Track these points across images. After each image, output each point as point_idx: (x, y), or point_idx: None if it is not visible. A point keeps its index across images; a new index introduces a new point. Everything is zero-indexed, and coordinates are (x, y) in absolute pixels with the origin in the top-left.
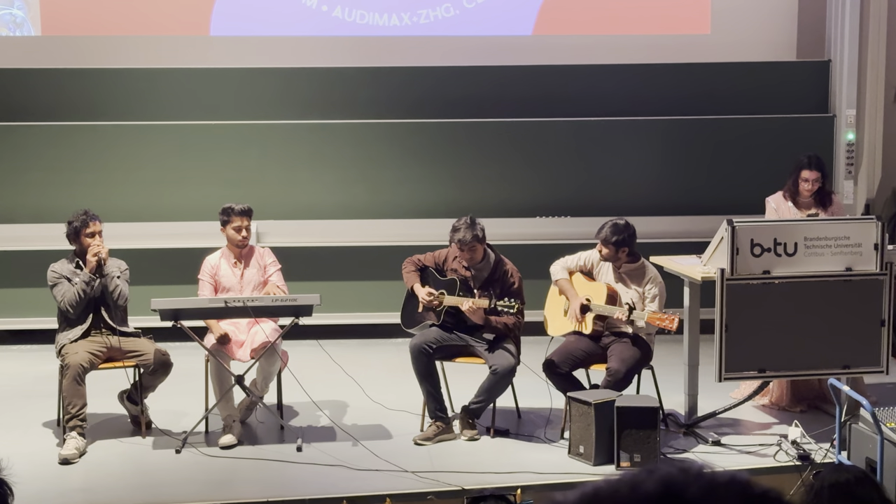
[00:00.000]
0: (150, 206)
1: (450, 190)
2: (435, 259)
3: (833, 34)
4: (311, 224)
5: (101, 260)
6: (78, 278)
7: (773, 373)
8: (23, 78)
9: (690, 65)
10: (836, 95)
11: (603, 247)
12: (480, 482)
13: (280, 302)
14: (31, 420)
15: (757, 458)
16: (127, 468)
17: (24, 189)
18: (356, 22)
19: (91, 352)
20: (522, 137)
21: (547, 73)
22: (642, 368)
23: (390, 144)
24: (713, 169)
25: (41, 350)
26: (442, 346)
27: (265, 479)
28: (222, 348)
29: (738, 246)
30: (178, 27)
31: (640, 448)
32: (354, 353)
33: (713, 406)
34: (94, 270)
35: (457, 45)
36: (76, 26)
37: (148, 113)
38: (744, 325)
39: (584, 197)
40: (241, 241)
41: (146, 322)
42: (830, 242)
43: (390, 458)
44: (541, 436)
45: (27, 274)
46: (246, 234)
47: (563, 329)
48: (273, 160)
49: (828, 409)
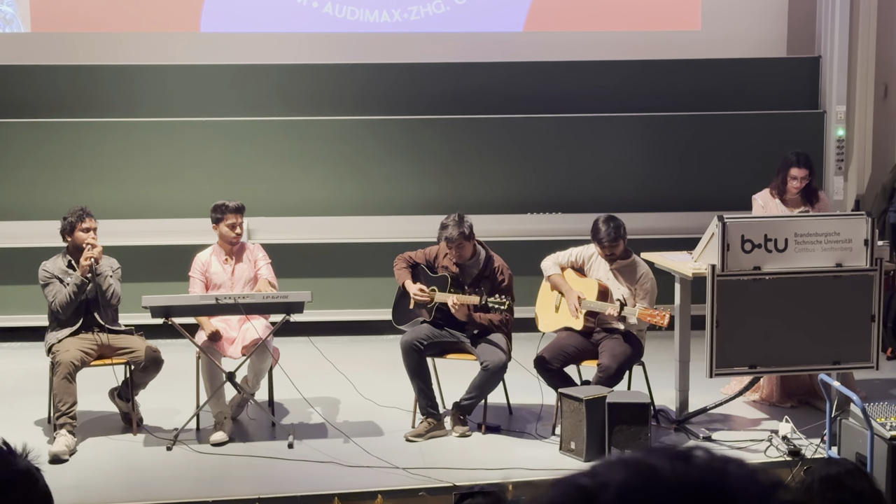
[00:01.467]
0: (141, 203)
1: (440, 186)
2: (426, 256)
3: (823, 30)
4: (301, 221)
5: (93, 264)
6: (70, 279)
7: (763, 368)
8: (12, 74)
9: (681, 61)
10: (825, 92)
11: (606, 248)
12: (471, 478)
13: (271, 299)
14: (21, 417)
15: (748, 454)
16: (118, 465)
17: (13, 186)
18: (346, 18)
19: (82, 349)
20: (513, 134)
21: (537, 69)
22: (633, 364)
23: (381, 141)
24: (704, 165)
25: (31, 347)
26: (433, 343)
27: (256, 476)
28: (213, 345)
29: (729, 242)
30: (168, 24)
31: (631, 444)
32: (346, 349)
33: (704, 402)
34: (85, 273)
35: (447, 42)
36: (66, 23)
37: (138, 109)
38: (734, 320)
39: (574, 193)
40: (235, 238)
41: (137, 319)
42: (821, 238)
43: (382, 454)
44: (532, 432)
45: (17, 271)
46: (239, 231)
47: (554, 325)
48: (264, 157)
49: (818, 405)
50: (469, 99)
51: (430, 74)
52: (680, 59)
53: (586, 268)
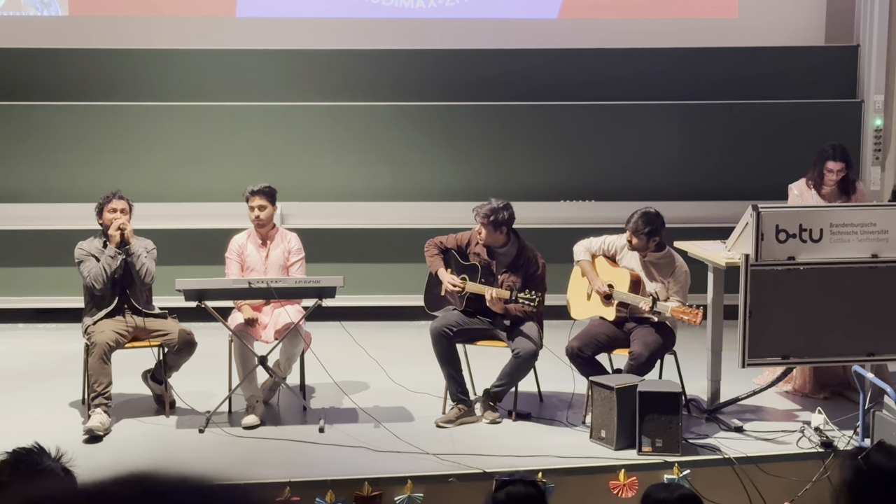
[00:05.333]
0: (175, 187)
1: (473, 173)
2: (457, 241)
3: (862, 19)
4: (334, 206)
5: (123, 232)
6: (104, 255)
7: (796, 359)
8: (50, 58)
9: (717, 49)
10: (864, 81)
11: (633, 237)
12: (502, 465)
13: (303, 283)
14: (56, 398)
15: (779, 445)
16: (150, 447)
17: (50, 168)
18: (382, 4)
19: (117, 331)
20: (546, 121)
21: (572, 56)
22: (665, 353)
23: (414, 127)
24: (739, 154)
25: (67, 328)
26: (463, 330)
27: (287, 460)
28: (246, 329)
29: (763, 231)
30: (204, 8)
31: (661, 433)
32: (377, 335)
33: (736, 392)
34: (118, 245)
35: (482, 28)
36: (103, 6)
37: (173, 94)
38: (768, 311)
39: (608, 181)
40: (255, 220)
41: (171, 302)
42: (857, 229)
43: (412, 440)
44: (562, 419)
45: (53, 253)
46: (259, 214)
47: (586, 313)
48: (297, 142)
49: (851, 397)
50: (503, 85)
51: (464, 61)
52: (717, 46)
53: (618, 257)
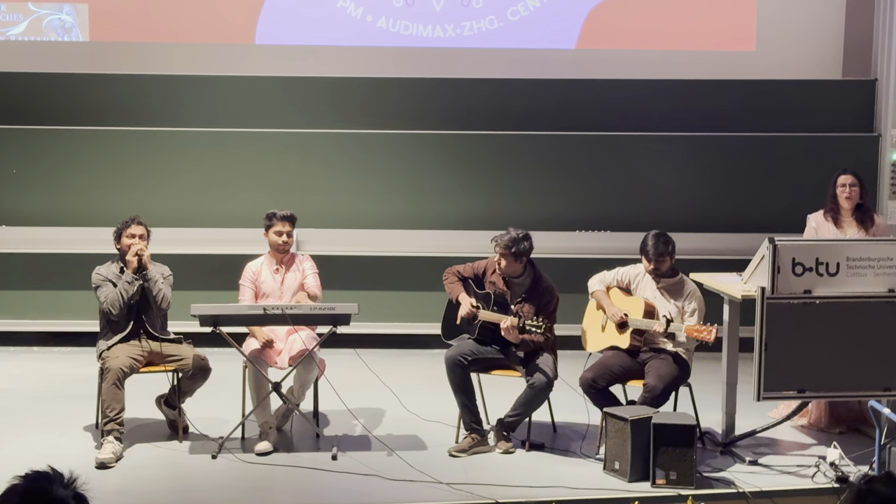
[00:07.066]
0: (192, 212)
1: (490, 202)
2: (474, 270)
3: (880, 53)
4: (350, 233)
5: (141, 258)
6: (121, 280)
7: (812, 393)
8: (70, 82)
9: (734, 81)
10: (881, 115)
11: (654, 262)
12: (515, 496)
13: (318, 310)
14: (69, 422)
15: (795, 479)
16: (163, 473)
17: (67, 192)
18: (400, 33)
19: (131, 356)
20: (564, 151)
21: (590, 87)
22: (680, 385)
23: (431, 155)
24: (756, 186)
25: (82, 352)
26: (477, 359)
27: (300, 487)
28: (260, 355)
29: (780, 264)
30: (224, 35)
31: (676, 466)
32: (391, 362)
33: (751, 425)
34: (135, 270)
35: (500, 58)
36: (124, 32)
37: (192, 119)
38: (784, 344)
39: (624, 212)
40: (282, 245)
41: (186, 327)
42: (873, 263)
43: (425, 469)
44: (576, 450)
45: (69, 276)
46: (287, 240)
47: (600, 344)
48: (314, 168)
49: (867, 432)
50: (521, 115)
51: (482, 90)
52: (734, 79)
53: (633, 287)
